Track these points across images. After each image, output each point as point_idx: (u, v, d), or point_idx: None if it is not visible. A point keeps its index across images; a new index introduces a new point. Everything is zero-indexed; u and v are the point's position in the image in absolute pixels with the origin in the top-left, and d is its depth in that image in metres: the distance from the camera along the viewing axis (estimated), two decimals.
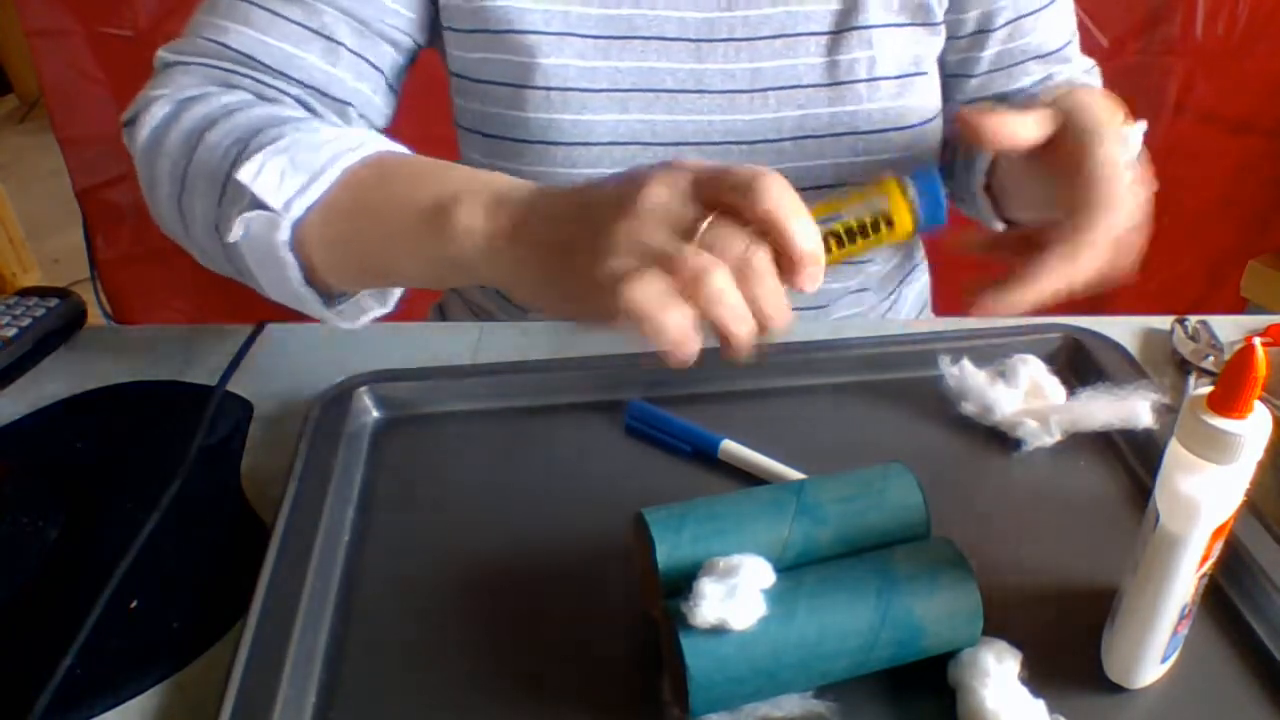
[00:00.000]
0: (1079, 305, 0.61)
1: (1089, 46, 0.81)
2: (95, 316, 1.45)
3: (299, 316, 0.61)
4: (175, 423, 0.63)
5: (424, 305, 0.93)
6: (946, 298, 0.95)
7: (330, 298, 0.58)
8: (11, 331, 0.68)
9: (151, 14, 1.37)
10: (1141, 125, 0.60)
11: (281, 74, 0.64)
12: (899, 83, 0.71)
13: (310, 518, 0.53)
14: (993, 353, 0.66)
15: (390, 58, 0.68)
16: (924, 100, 0.73)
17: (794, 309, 0.41)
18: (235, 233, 0.53)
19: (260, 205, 0.53)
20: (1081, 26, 0.79)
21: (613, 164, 0.69)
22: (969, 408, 0.61)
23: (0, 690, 0.46)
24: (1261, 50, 1.38)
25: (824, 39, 0.69)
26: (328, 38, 0.65)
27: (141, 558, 0.53)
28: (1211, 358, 0.67)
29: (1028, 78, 0.76)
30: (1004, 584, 0.50)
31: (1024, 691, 0.44)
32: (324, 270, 0.55)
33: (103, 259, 1.55)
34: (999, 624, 0.46)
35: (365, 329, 0.61)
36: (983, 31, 0.73)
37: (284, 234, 0.53)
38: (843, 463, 0.51)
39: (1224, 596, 0.50)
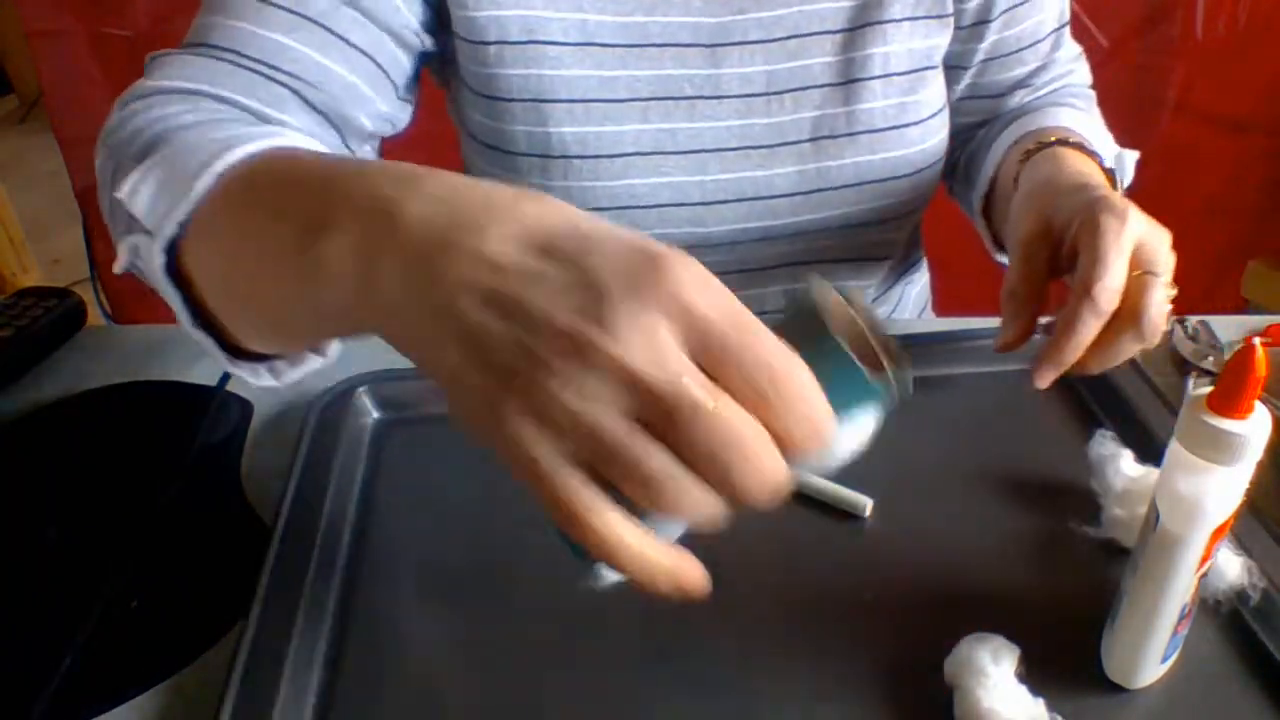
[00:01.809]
0: None
1: (1089, 47, 0.81)
2: (95, 316, 1.45)
3: None
4: (175, 423, 0.63)
5: None
6: (947, 298, 0.95)
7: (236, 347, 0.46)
8: (11, 331, 0.68)
9: (151, 14, 1.37)
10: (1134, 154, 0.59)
11: (269, 65, 0.58)
12: (911, 77, 0.71)
13: (310, 518, 0.53)
14: (992, 353, 0.66)
15: (395, 58, 0.64)
16: (934, 94, 0.73)
17: None
18: (120, 261, 0.46)
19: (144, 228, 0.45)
20: (1081, 26, 0.79)
21: (637, 174, 0.69)
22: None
23: (0, 690, 0.46)
24: (1261, 50, 1.38)
25: (838, 37, 0.69)
26: (323, 26, 0.59)
27: (141, 558, 0.53)
28: (1211, 358, 0.67)
29: (1022, 67, 0.76)
30: (1004, 584, 0.50)
31: (1023, 691, 0.44)
32: (214, 310, 0.45)
33: (103, 259, 1.55)
34: (999, 623, 0.46)
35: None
36: (981, 23, 0.73)
37: (158, 259, 0.43)
38: (841, 463, 0.51)
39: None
